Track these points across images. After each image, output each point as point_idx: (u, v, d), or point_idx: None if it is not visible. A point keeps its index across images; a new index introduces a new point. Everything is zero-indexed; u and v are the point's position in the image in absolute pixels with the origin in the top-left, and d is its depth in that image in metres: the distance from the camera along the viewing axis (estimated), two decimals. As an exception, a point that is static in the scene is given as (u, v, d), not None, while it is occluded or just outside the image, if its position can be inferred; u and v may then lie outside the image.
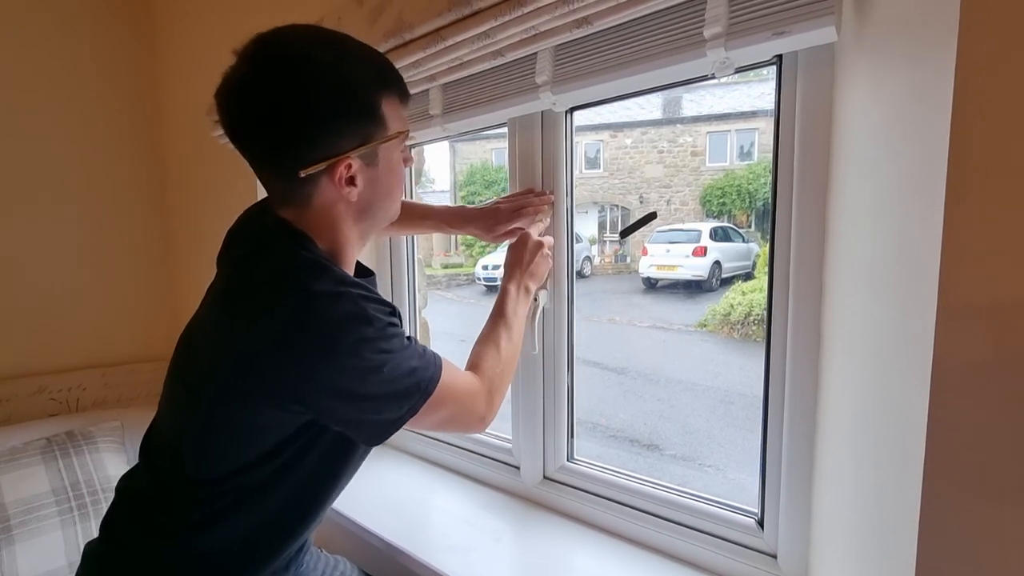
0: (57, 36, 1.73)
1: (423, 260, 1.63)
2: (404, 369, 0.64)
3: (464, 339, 6.61)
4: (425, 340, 1.67)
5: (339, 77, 0.61)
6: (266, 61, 0.60)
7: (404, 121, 0.69)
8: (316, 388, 0.61)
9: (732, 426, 3.83)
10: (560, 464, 1.14)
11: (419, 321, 1.53)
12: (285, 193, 0.67)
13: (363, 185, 0.66)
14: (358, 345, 0.60)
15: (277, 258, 0.65)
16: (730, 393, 4.49)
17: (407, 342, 0.66)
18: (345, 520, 1.13)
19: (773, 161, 0.83)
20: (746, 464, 3.29)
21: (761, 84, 14.18)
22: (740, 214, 11.69)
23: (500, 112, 1.01)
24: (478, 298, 9.12)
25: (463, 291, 9.82)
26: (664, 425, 3.91)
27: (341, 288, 0.62)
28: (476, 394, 0.75)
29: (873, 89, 0.63)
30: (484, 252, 11.14)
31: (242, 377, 0.62)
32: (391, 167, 0.69)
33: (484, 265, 9.44)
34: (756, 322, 6.01)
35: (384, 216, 0.72)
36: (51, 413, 1.68)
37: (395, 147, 0.69)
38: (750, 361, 5.40)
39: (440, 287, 10.06)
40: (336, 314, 0.60)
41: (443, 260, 12.15)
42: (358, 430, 0.65)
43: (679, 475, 3.20)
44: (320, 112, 0.60)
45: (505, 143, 1.17)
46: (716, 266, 8.17)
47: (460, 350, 3.63)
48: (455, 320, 7.40)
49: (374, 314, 0.62)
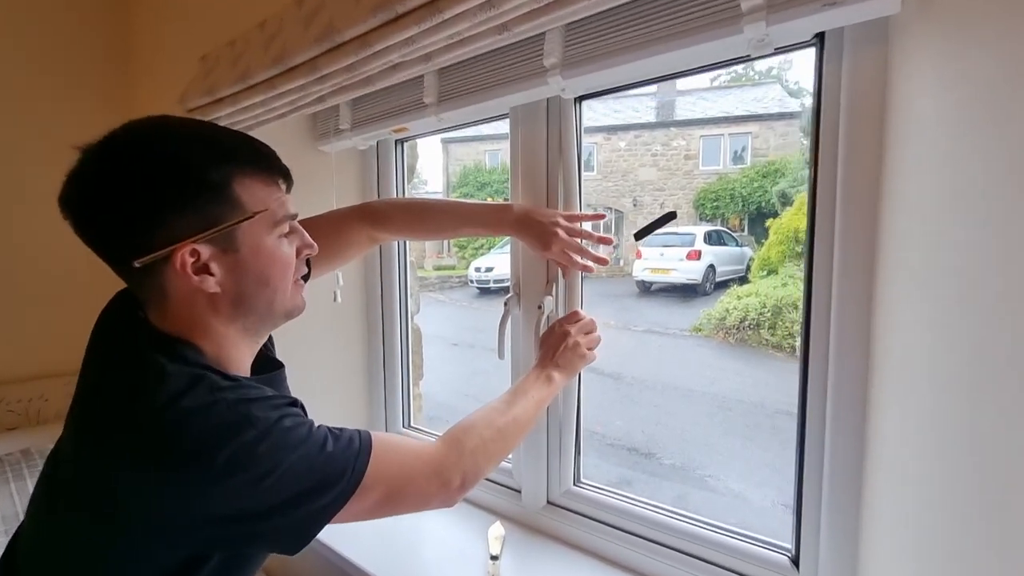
0: (33, 37, 1.61)
1: (415, 262, 1.52)
2: (312, 459, 0.55)
3: (456, 343, 6.51)
4: (417, 347, 1.56)
5: (171, 157, 0.55)
6: (99, 150, 0.55)
7: (274, 201, 0.60)
8: (199, 520, 0.52)
9: (731, 434, 3.76)
10: (566, 488, 1.04)
11: (411, 327, 1.43)
12: (137, 288, 0.60)
13: (223, 274, 0.58)
14: (238, 456, 0.51)
15: (141, 374, 0.55)
16: (727, 399, 4.42)
17: (314, 430, 0.58)
18: (325, 549, 1.02)
19: (812, 153, 0.73)
20: (746, 475, 3.21)
21: (755, 89, 14.23)
22: (733, 218, 11.70)
23: (502, 99, 0.91)
24: (470, 300, 9.02)
25: (455, 293, 9.72)
26: (662, 433, 3.83)
27: (215, 396, 0.54)
28: (431, 462, 0.65)
29: (945, 67, 0.54)
30: (477, 254, 11.05)
31: (109, 520, 0.53)
32: (261, 252, 0.59)
33: (477, 267, 9.35)
34: (751, 327, 5.96)
35: (268, 308, 0.62)
36: (9, 427, 1.55)
37: (263, 229, 0.59)
38: (747, 367, 5.34)
39: (432, 289, 9.94)
40: (207, 430, 0.52)
41: (435, 262, 12.05)
42: (274, 542, 0.56)
43: (678, 486, 3.11)
44: (150, 195, 0.54)
45: (499, 145, 1.06)
46: (710, 270, 8.15)
47: (451, 354, 3.52)
48: (447, 323, 7.29)
49: (257, 414, 0.53)
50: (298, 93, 0.97)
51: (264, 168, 0.60)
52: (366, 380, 1.41)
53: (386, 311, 1.38)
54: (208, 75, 1.17)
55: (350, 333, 1.39)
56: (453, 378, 5.05)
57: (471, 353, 6.05)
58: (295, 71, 0.93)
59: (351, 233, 0.91)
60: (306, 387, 1.32)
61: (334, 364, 1.36)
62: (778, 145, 12.13)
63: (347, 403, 1.40)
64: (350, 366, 1.39)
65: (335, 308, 1.27)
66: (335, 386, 1.37)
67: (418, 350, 1.55)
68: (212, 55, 1.23)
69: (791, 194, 9.10)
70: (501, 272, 8.98)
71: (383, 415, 1.39)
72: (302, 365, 1.29)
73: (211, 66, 1.19)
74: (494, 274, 9.02)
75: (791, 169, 10.35)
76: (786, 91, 13.57)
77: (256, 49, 1.02)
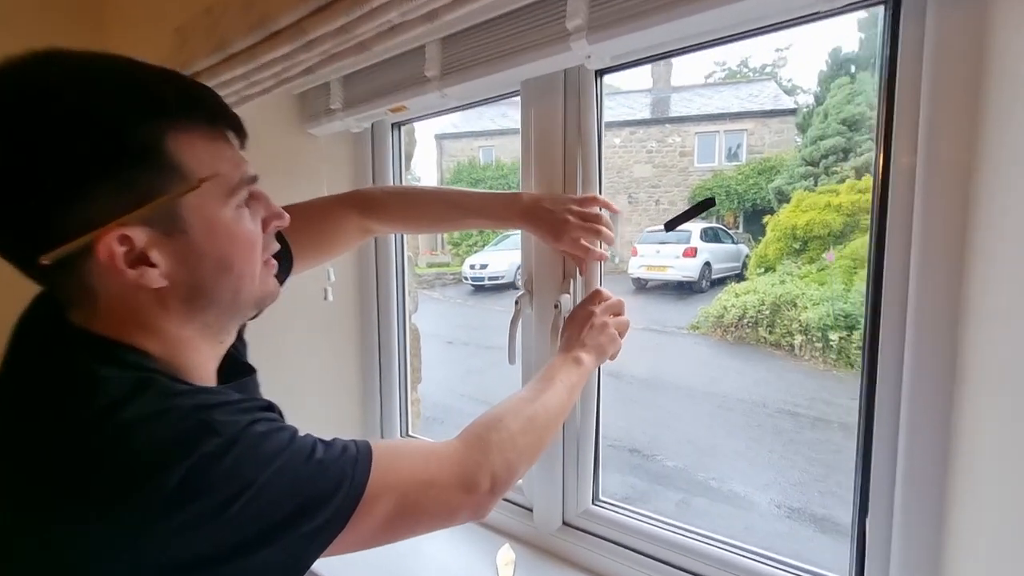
0: None
1: (412, 258, 1.41)
2: (297, 471, 0.44)
3: (451, 341, 6.41)
4: (415, 348, 1.45)
5: (76, 110, 0.41)
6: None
7: (226, 162, 0.47)
8: (152, 571, 0.40)
9: (733, 436, 3.68)
10: (584, 508, 0.93)
11: (408, 327, 1.32)
12: (57, 291, 0.48)
13: (169, 263, 0.45)
14: (197, 473, 0.40)
15: (67, 385, 0.43)
16: (728, 399, 4.34)
17: (297, 437, 0.46)
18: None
19: (880, 130, 0.63)
20: (751, 477, 3.13)
21: (749, 85, 14.19)
22: (728, 215, 11.66)
23: (516, 71, 0.80)
24: (465, 298, 8.90)
25: (449, 291, 9.60)
26: (664, 434, 3.74)
27: (167, 403, 0.43)
28: (452, 463, 0.53)
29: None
30: (471, 251, 10.92)
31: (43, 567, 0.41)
32: (216, 229, 0.47)
33: (471, 264, 9.23)
34: (750, 325, 5.89)
35: (234, 299, 0.50)
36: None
37: (215, 200, 0.46)
38: (746, 365, 5.27)
39: (425, 286, 9.81)
40: (155, 444, 0.40)
41: (428, 259, 11.91)
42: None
43: (681, 490, 3.02)
44: (50, 166, 0.40)
45: (493, 141, 0.95)
46: (706, 267, 8.08)
47: (446, 353, 3.39)
48: (441, 320, 7.17)
49: (220, 419, 0.42)
50: (283, 63, 0.86)
51: (207, 119, 0.46)
52: (360, 386, 1.30)
53: (382, 310, 1.26)
54: (183, 47, 1.05)
55: (343, 335, 1.27)
56: (448, 377, 4.94)
57: (466, 351, 5.94)
58: (279, 36, 0.81)
59: (340, 222, 0.80)
60: (292, 396, 1.17)
61: (324, 369, 1.25)
62: (773, 142, 12.10)
63: (338, 411, 1.28)
64: (342, 371, 1.28)
65: (326, 308, 1.15)
66: (325, 393, 1.26)
67: (416, 352, 1.44)
68: (187, 25, 1.11)
69: (788, 191, 9.06)
70: (496, 269, 8.87)
71: (378, 424, 1.28)
72: (287, 371, 1.17)
73: (186, 37, 1.07)
74: (489, 271, 8.91)
75: (787, 166, 10.31)
76: (781, 88, 13.55)
77: (234, 14, 0.90)
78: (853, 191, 6.90)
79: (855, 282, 5.55)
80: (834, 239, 6.57)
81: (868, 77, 9.26)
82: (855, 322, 5.06)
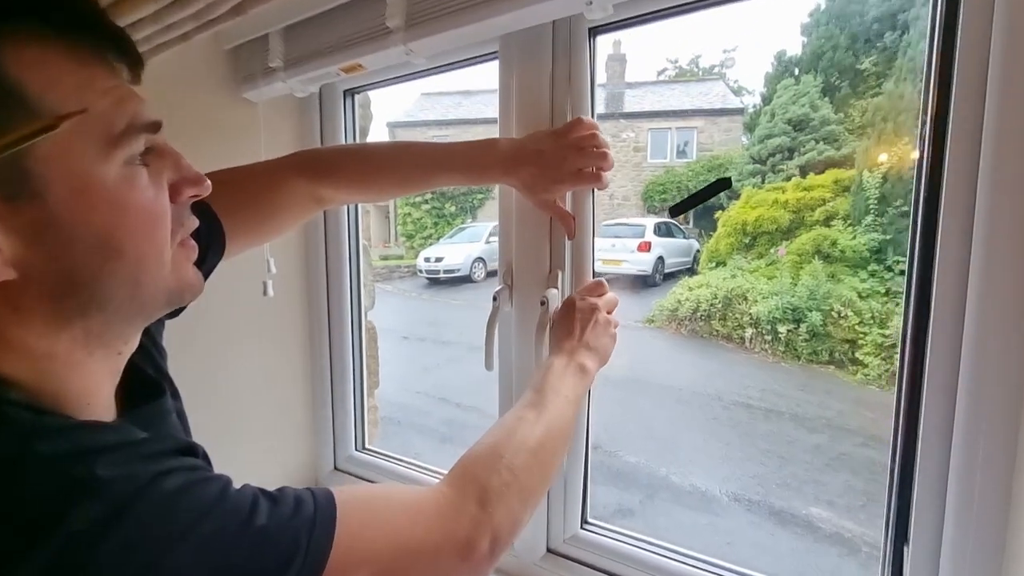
0: None
1: (368, 247, 1.25)
2: (232, 540, 0.32)
3: (407, 336, 6.22)
4: (372, 348, 1.29)
5: None
6: None
7: (103, 94, 0.33)
8: None
9: (692, 429, 3.70)
10: (572, 533, 0.82)
11: (364, 325, 1.16)
12: None
13: (17, 244, 0.31)
14: (69, 558, 0.27)
15: None
16: (685, 392, 4.39)
17: (230, 491, 0.34)
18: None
19: (930, 108, 0.54)
20: (711, 471, 3.15)
21: (700, 84, 14.55)
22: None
23: (500, 19, 0.66)
24: (419, 291, 8.67)
25: (403, 283, 9.32)
26: (625, 428, 3.71)
27: (22, 448, 0.30)
28: (441, 519, 0.41)
29: None
30: (426, 244, 10.65)
31: None
32: (92, 193, 0.32)
33: (426, 257, 8.99)
34: (703, 318, 6.01)
35: (131, 295, 0.36)
36: None
37: (89, 150, 0.32)
38: (700, 358, 5.37)
39: (379, 279, 9.47)
40: (3, 512, 0.28)
41: (381, 251, 11.53)
42: None
43: (644, 486, 2.99)
44: None
45: (447, 131, 0.81)
46: (659, 261, 8.22)
47: (402, 349, 3.16)
48: (395, 315, 6.92)
49: (108, 473, 0.29)
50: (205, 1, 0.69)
51: (71, 28, 0.32)
52: (308, 395, 1.13)
53: (333, 307, 1.10)
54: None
55: (287, 336, 1.10)
56: (405, 374, 4.75)
57: (422, 347, 5.75)
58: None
59: (285, 188, 0.64)
60: (224, 413, 0.98)
61: (265, 378, 1.08)
62: (722, 140, 12.47)
63: (282, 427, 1.11)
64: (286, 379, 1.11)
65: (266, 305, 0.98)
66: (266, 407, 1.08)
67: (373, 353, 1.29)
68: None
69: (737, 188, 9.33)
70: (452, 262, 8.69)
71: (331, 438, 1.12)
72: (218, 383, 0.99)
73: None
74: (444, 264, 8.72)
75: (735, 164, 10.63)
76: (729, 88, 13.98)
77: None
78: (799, 189, 7.16)
79: (801, 276, 5.75)
80: (781, 235, 6.81)
81: (811, 79, 9.65)
82: (802, 315, 5.24)
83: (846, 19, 10.22)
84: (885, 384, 4.43)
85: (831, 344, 5.05)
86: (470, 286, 8.49)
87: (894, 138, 6.19)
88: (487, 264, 8.75)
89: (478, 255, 8.77)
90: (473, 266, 8.67)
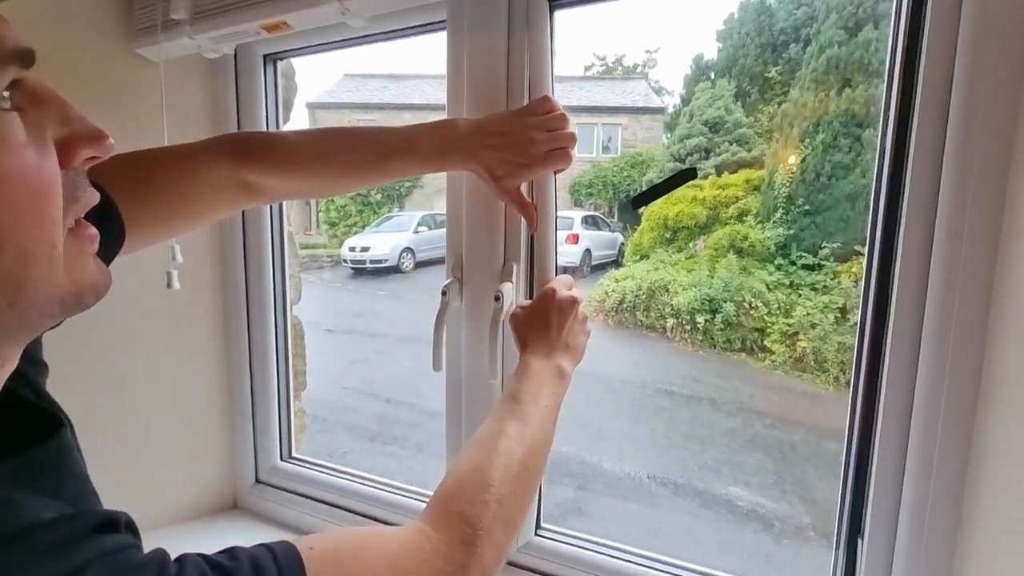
0: None
1: (292, 234, 1.13)
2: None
3: (331, 329, 5.92)
4: (299, 346, 1.17)
5: None
6: None
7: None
8: None
9: (619, 417, 3.82)
10: (526, 540, 0.77)
11: (289, 321, 1.04)
12: None
13: None
14: None
15: None
16: (612, 380, 4.52)
17: (169, 570, 0.26)
18: None
19: (895, 94, 0.54)
20: (637, 457, 3.26)
21: (624, 83, 15.04)
22: (604, 204, 12.31)
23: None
24: (344, 282, 8.29)
25: (326, 274, 8.87)
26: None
27: None
28: (426, 565, 0.35)
29: None
30: (351, 232, 10.18)
31: None
32: None
33: (351, 246, 8.60)
34: (628, 309, 6.24)
35: (14, 301, 0.26)
36: None
37: None
38: (626, 348, 5.56)
39: (300, 269, 8.94)
40: None
41: (302, 239, 10.89)
42: None
43: (576, 476, 3.04)
44: None
45: (374, 115, 0.74)
46: (587, 254, 8.43)
47: (327, 342, 2.99)
48: (319, 307, 6.56)
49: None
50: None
51: None
52: (224, 400, 1.00)
53: (253, 301, 0.97)
54: None
55: (197, 335, 0.96)
56: (331, 369, 4.50)
57: (349, 340, 5.49)
58: None
59: (203, 169, 0.52)
60: (121, 434, 0.86)
61: (171, 385, 0.93)
62: (645, 138, 12.98)
63: (194, 442, 0.97)
64: (198, 384, 0.97)
65: (171, 299, 0.84)
66: (173, 420, 0.94)
67: (300, 352, 1.17)
68: None
69: (653, 184, 9.77)
70: (379, 252, 8.38)
71: (251, 449, 1.00)
72: (113, 396, 0.85)
73: None
74: (371, 254, 8.39)
75: (657, 161, 11.10)
76: (651, 88, 14.56)
77: None
78: (715, 187, 7.61)
79: (717, 269, 6.12)
80: (699, 230, 7.20)
81: (726, 84, 10.25)
82: (718, 306, 5.58)
83: (756, 29, 10.94)
84: (790, 369, 4.82)
85: (743, 333, 5.42)
86: (398, 277, 8.25)
87: (798, 142, 6.72)
88: (416, 254, 8.54)
89: (407, 245, 8.53)
90: (401, 256, 8.42)
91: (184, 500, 0.97)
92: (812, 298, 5.44)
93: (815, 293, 5.54)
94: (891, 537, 0.56)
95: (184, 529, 0.94)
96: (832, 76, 6.81)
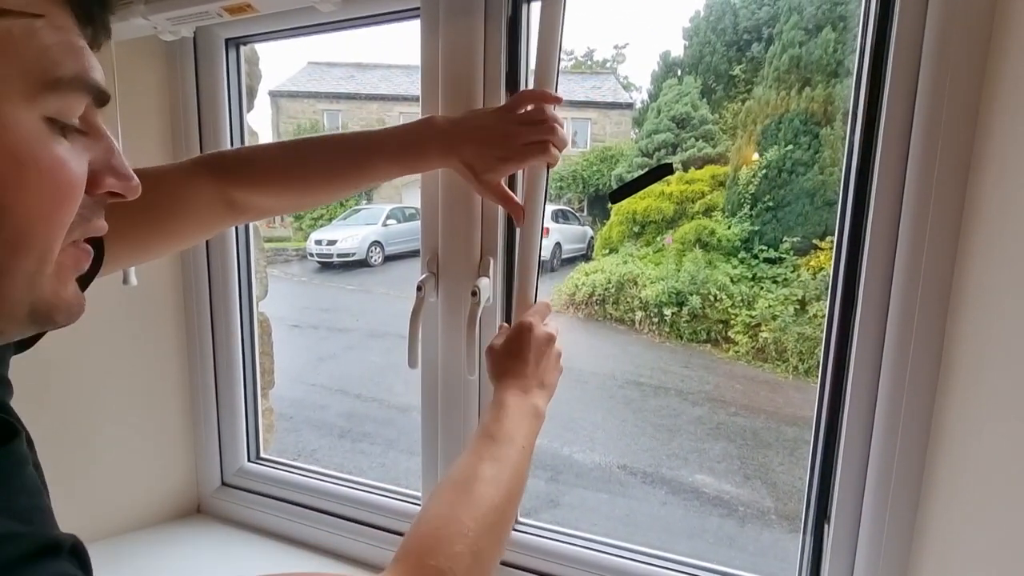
0: None
1: (258, 227, 1.09)
2: None
3: (298, 324, 5.78)
4: (265, 344, 1.14)
5: None
6: None
7: (61, 27, 0.26)
8: None
9: (591, 408, 3.87)
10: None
11: (255, 318, 1.01)
12: None
13: None
14: None
15: None
16: (583, 373, 4.57)
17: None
18: None
19: (858, 93, 0.56)
20: (608, 447, 3.31)
21: (594, 77, 15.14)
22: (574, 198, 12.41)
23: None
24: (310, 276, 8.10)
25: (292, 267, 8.65)
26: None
27: None
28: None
29: None
30: (316, 225, 9.95)
31: None
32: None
33: (317, 240, 8.41)
34: (598, 302, 6.33)
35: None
36: None
37: (12, 69, 0.24)
38: (596, 340, 5.63)
39: (265, 263, 8.68)
40: None
41: (265, 232, 10.58)
42: None
43: (549, 468, 3.06)
44: None
45: (339, 105, 0.73)
46: (557, 247, 8.48)
47: (293, 338, 2.91)
48: (285, 302, 6.39)
49: None
50: None
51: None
52: (186, 401, 0.96)
53: (217, 297, 0.93)
54: None
55: (157, 334, 0.92)
56: (298, 366, 4.40)
57: (316, 336, 5.38)
58: None
59: (188, 190, 0.51)
60: (77, 440, 0.83)
61: (131, 387, 0.89)
62: (613, 132, 13.13)
63: (156, 445, 0.93)
64: (158, 384, 0.93)
65: (127, 296, 0.80)
66: (133, 423, 0.90)
67: (267, 349, 1.13)
68: None
69: (627, 178, 9.90)
70: (346, 246, 8.22)
71: (216, 451, 0.96)
72: (68, 399, 0.80)
73: None
74: (338, 248, 8.22)
75: (626, 156, 11.24)
76: (620, 83, 14.71)
77: None
78: (682, 182, 7.75)
79: (684, 263, 6.25)
80: (667, 224, 7.33)
81: (692, 81, 10.43)
82: (684, 298, 5.71)
83: (721, 27, 11.16)
84: (752, 359, 4.98)
85: (708, 324, 5.56)
86: (366, 271, 8.12)
87: (761, 139, 6.91)
88: (385, 248, 8.41)
89: (375, 238, 8.39)
90: (370, 250, 8.28)
91: (144, 506, 0.92)
92: (773, 290, 5.62)
93: (776, 286, 5.73)
94: (856, 522, 0.58)
95: (144, 536, 0.89)
96: (794, 75, 7.02)
